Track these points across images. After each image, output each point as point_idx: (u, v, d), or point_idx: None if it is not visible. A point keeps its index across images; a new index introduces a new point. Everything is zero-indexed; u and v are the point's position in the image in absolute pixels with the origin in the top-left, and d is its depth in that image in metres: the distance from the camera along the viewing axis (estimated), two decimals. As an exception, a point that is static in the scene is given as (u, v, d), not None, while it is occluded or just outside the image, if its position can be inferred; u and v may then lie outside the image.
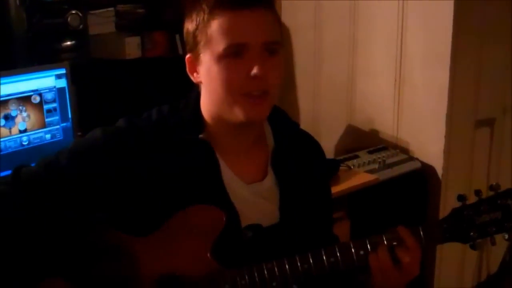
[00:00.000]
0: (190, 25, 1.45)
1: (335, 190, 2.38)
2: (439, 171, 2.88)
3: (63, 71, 2.51)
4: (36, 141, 2.47)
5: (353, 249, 1.41)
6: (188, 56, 1.48)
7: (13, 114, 2.39)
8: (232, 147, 1.50)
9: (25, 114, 2.42)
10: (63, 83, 2.52)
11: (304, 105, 3.42)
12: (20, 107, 2.40)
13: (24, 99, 2.41)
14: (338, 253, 1.41)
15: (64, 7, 2.78)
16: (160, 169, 1.43)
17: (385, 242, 1.42)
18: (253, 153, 1.53)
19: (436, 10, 2.77)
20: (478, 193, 1.46)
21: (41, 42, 2.74)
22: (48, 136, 2.51)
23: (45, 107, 2.48)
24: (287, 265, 1.39)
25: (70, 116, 2.55)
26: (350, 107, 3.26)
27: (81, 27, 2.80)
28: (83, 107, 2.73)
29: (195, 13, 1.43)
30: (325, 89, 3.33)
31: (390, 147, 3.02)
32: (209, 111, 1.48)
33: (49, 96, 2.48)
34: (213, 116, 1.48)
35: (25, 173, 1.44)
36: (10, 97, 2.37)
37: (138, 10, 3.25)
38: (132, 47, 3.21)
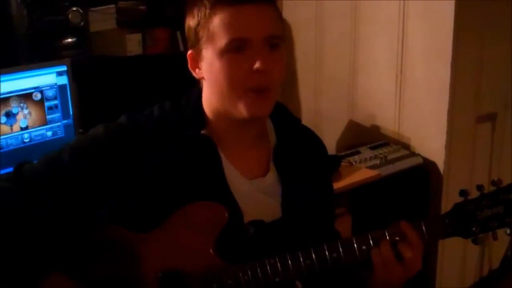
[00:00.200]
0: (192, 21, 1.45)
1: (336, 186, 2.37)
2: (440, 166, 2.88)
3: (64, 68, 2.51)
4: (37, 138, 2.47)
5: (355, 244, 1.41)
6: (189, 52, 1.48)
7: (15, 111, 2.39)
8: (234, 143, 1.50)
9: (26, 111, 2.42)
10: (64, 80, 2.51)
11: (306, 101, 3.41)
12: (22, 104, 2.40)
13: (25, 96, 2.41)
14: (340, 248, 1.41)
15: (65, 4, 2.78)
16: (162, 165, 1.43)
17: (387, 237, 1.42)
18: (255, 149, 1.53)
19: (437, 7, 2.76)
20: (480, 188, 1.46)
21: (42, 39, 2.74)
22: (50, 133, 2.51)
23: (46, 104, 2.48)
24: (289, 261, 1.40)
25: (71, 113, 2.55)
26: (351, 103, 3.25)
27: (82, 24, 2.80)
28: (84, 104, 2.73)
29: (197, 8, 1.43)
30: (327, 85, 3.33)
31: (392, 143, 3.02)
32: (211, 107, 1.48)
33: (50, 93, 2.48)
34: (215, 112, 1.48)
35: (27, 169, 1.44)
36: (11, 94, 2.37)
37: (139, 7, 3.25)
38: (133, 44, 3.21)
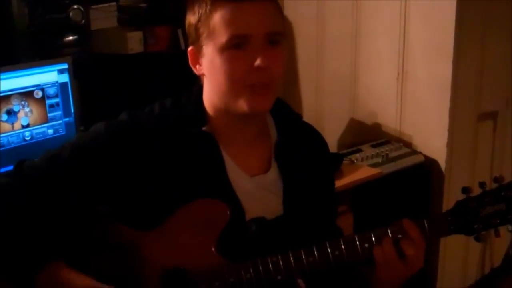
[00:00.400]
0: (192, 17, 1.44)
1: (338, 184, 2.38)
2: (442, 164, 2.88)
3: (65, 66, 2.51)
4: (38, 136, 2.47)
5: (358, 242, 1.41)
6: (190, 48, 1.47)
7: (16, 109, 2.39)
8: (235, 139, 1.49)
9: (27, 109, 2.42)
10: (65, 78, 2.51)
11: (307, 99, 3.41)
12: (23, 102, 2.40)
13: (26, 94, 2.41)
14: (343, 246, 1.40)
15: (66, 2, 2.77)
16: (163, 162, 1.43)
17: (389, 234, 1.41)
18: (256, 145, 1.52)
19: (439, 4, 2.76)
20: (482, 185, 1.46)
21: (43, 37, 2.73)
22: (51, 131, 2.50)
23: (48, 102, 2.48)
24: (292, 258, 1.39)
25: (72, 111, 2.55)
26: (353, 101, 3.25)
27: (83, 22, 2.79)
28: (85, 102, 2.72)
29: (197, 5, 1.43)
30: (328, 83, 3.33)
31: (393, 141, 3.02)
32: (212, 103, 1.48)
33: (51, 91, 2.48)
34: (216, 109, 1.47)
35: (28, 166, 1.44)
36: (13, 92, 2.37)
37: (140, 5, 3.24)
38: (134, 42, 3.20)
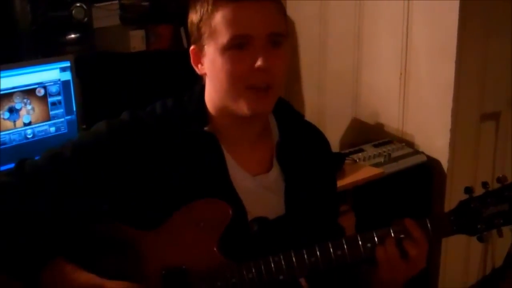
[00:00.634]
0: (194, 16, 1.44)
1: (340, 183, 2.38)
2: (444, 164, 2.88)
3: (67, 64, 2.51)
4: (40, 134, 2.47)
5: (360, 241, 1.41)
6: (192, 47, 1.47)
7: (18, 107, 2.38)
8: (237, 139, 1.49)
9: (29, 107, 2.42)
10: (67, 76, 2.51)
11: (309, 98, 3.41)
12: (25, 100, 2.40)
13: (28, 92, 2.41)
14: (345, 245, 1.40)
15: (69, 0, 2.78)
16: (165, 162, 1.43)
17: (392, 234, 1.41)
18: (258, 145, 1.52)
19: (442, 4, 2.76)
20: (485, 185, 1.46)
21: (46, 35, 2.73)
22: (53, 129, 2.50)
23: (50, 100, 2.48)
24: (294, 258, 1.39)
25: (74, 109, 2.55)
26: (355, 100, 3.25)
27: (85, 20, 2.79)
28: (87, 100, 2.72)
29: (199, 4, 1.43)
30: (330, 82, 3.33)
31: (395, 141, 3.02)
32: (213, 103, 1.48)
33: (53, 89, 2.48)
34: (217, 108, 1.47)
35: (29, 165, 1.43)
36: (15, 90, 2.37)
37: (142, 3, 3.24)
38: (137, 40, 3.20)
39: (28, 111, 2.41)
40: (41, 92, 2.44)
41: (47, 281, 1.35)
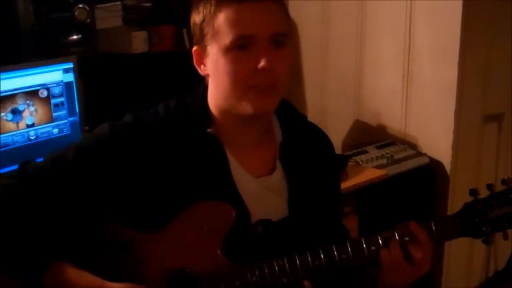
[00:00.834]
0: (197, 17, 1.44)
1: (343, 185, 2.36)
2: (447, 166, 2.87)
3: (70, 65, 2.50)
4: (43, 135, 2.46)
5: (364, 244, 1.41)
6: (195, 48, 1.47)
7: (21, 108, 2.38)
8: (240, 140, 1.49)
9: (32, 109, 2.42)
10: (70, 77, 2.51)
11: (312, 100, 3.41)
12: (28, 101, 2.40)
13: (31, 94, 2.40)
14: (349, 248, 1.40)
15: (72, 1, 2.77)
16: (168, 164, 1.43)
17: (397, 237, 1.41)
18: (261, 146, 1.52)
19: (445, 5, 2.75)
20: (490, 187, 1.45)
21: (49, 36, 2.73)
22: (56, 131, 2.50)
23: (53, 101, 2.47)
24: (298, 261, 1.39)
25: (77, 110, 2.55)
26: (357, 102, 3.24)
27: (88, 21, 2.79)
28: (90, 101, 2.72)
29: (202, 5, 1.42)
30: (333, 83, 3.32)
31: (398, 142, 3.01)
32: (216, 104, 1.47)
33: (56, 90, 2.47)
34: (220, 110, 1.47)
35: (32, 167, 1.43)
36: (18, 91, 2.36)
37: (145, 4, 3.24)
38: (139, 41, 3.21)
39: (31, 113, 2.41)
40: (44, 93, 2.44)
41: (49, 283, 1.34)
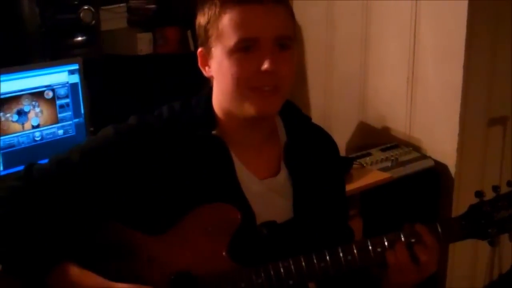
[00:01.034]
0: (202, 18, 1.44)
1: (348, 188, 2.34)
2: (452, 169, 2.86)
3: (76, 66, 2.51)
4: (48, 136, 2.47)
5: (370, 246, 1.40)
6: (199, 50, 1.47)
7: (26, 109, 2.39)
8: (244, 142, 1.49)
9: (38, 110, 2.42)
10: (76, 78, 2.51)
11: (316, 102, 3.41)
12: (33, 102, 2.40)
13: (37, 95, 2.41)
14: (355, 251, 1.40)
15: (76, 2, 2.78)
16: (173, 166, 1.42)
17: (402, 239, 1.41)
18: (266, 148, 1.52)
19: (450, 7, 2.75)
20: (496, 189, 1.45)
21: (54, 38, 2.73)
22: (61, 132, 2.50)
23: (58, 102, 2.48)
24: (303, 263, 1.38)
25: (82, 111, 2.55)
26: (362, 104, 3.24)
27: (93, 22, 2.79)
28: (94, 103, 2.72)
29: (207, 6, 1.42)
30: (337, 86, 3.32)
31: (403, 145, 3.00)
32: (221, 106, 1.47)
33: (62, 91, 2.48)
34: (224, 111, 1.47)
35: (37, 169, 1.43)
36: (23, 92, 2.37)
37: (149, 6, 3.25)
38: (144, 43, 3.21)
39: (36, 114, 2.42)
40: (49, 94, 2.44)
41: (54, 284, 1.34)
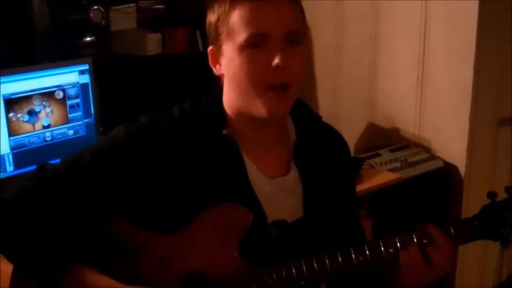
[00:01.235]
0: (212, 16, 1.43)
1: (357, 188, 2.35)
2: (461, 170, 2.86)
3: (86, 66, 2.52)
4: (59, 136, 2.48)
5: (382, 247, 1.40)
6: (210, 48, 1.46)
7: (37, 109, 2.40)
8: (255, 142, 1.48)
9: (48, 110, 2.43)
10: (86, 78, 2.52)
11: (324, 102, 3.40)
12: (44, 102, 2.41)
13: (47, 95, 2.42)
14: (367, 251, 1.39)
15: (85, 2, 2.79)
16: (184, 166, 1.42)
17: (415, 239, 1.40)
18: (276, 147, 1.51)
19: (460, 7, 2.74)
20: (508, 189, 1.45)
21: (64, 38, 2.75)
22: (71, 132, 2.51)
23: (68, 102, 2.49)
24: (315, 264, 1.38)
25: (93, 112, 2.56)
26: (371, 105, 3.24)
27: (103, 23, 2.80)
28: (104, 103, 2.73)
29: (217, 4, 1.42)
30: (346, 86, 3.32)
31: (412, 146, 3.00)
32: (231, 105, 1.47)
33: (72, 91, 2.49)
34: (235, 111, 1.46)
35: (48, 170, 1.43)
36: (34, 92, 2.38)
37: (159, 6, 3.26)
38: (153, 43, 3.21)
39: (47, 114, 2.43)
40: (60, 94, 2.45)
41: (68, 286, 1.34)
